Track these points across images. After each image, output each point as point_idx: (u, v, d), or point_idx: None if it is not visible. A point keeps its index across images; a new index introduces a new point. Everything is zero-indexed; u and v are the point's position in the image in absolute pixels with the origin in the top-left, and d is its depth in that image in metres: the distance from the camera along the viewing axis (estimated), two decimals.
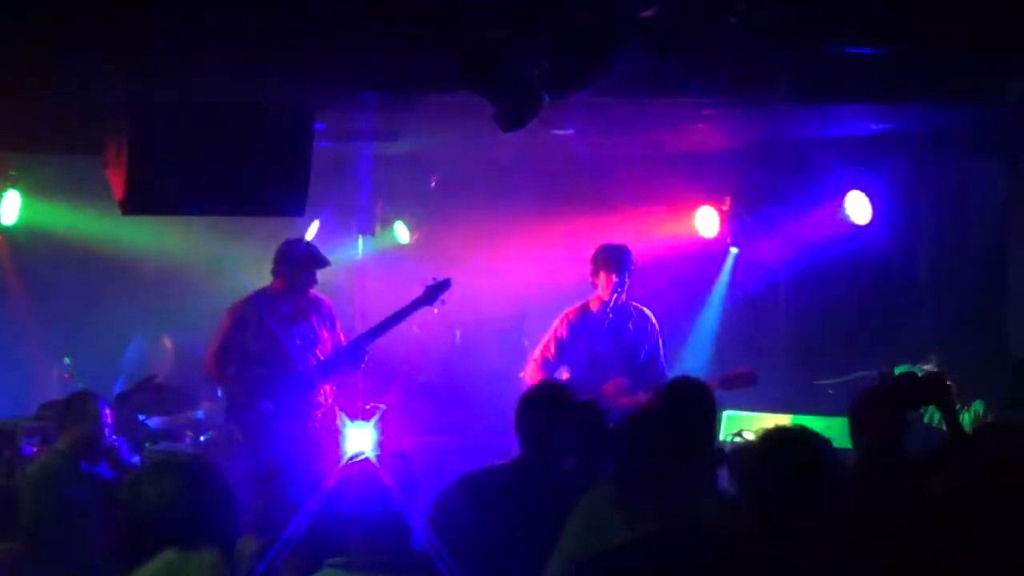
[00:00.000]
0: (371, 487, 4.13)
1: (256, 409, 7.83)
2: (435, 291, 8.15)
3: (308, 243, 8.26)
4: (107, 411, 6.74)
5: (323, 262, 8.02)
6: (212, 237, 9.85)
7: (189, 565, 2.99)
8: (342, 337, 8.12)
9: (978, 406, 8.03)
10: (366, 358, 8.04)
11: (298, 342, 7.94)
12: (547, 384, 6.54)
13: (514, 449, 5.35)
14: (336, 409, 8.09)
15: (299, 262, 7.97)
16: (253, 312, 7.95)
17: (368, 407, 9.69)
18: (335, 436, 8.02)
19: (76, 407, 6.70)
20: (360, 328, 8.63)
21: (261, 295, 8.03)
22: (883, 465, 4.35)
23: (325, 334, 8.04)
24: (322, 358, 7.97)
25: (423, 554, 3.97)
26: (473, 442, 9.40)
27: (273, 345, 7.90)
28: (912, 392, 5.22)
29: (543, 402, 5.48)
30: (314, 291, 8.09)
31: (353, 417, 8.94)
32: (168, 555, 2.95)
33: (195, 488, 2.99)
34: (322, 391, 7.99)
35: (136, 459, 7.02)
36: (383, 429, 9.65)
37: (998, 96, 6.89)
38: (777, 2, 5.49)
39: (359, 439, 9.05)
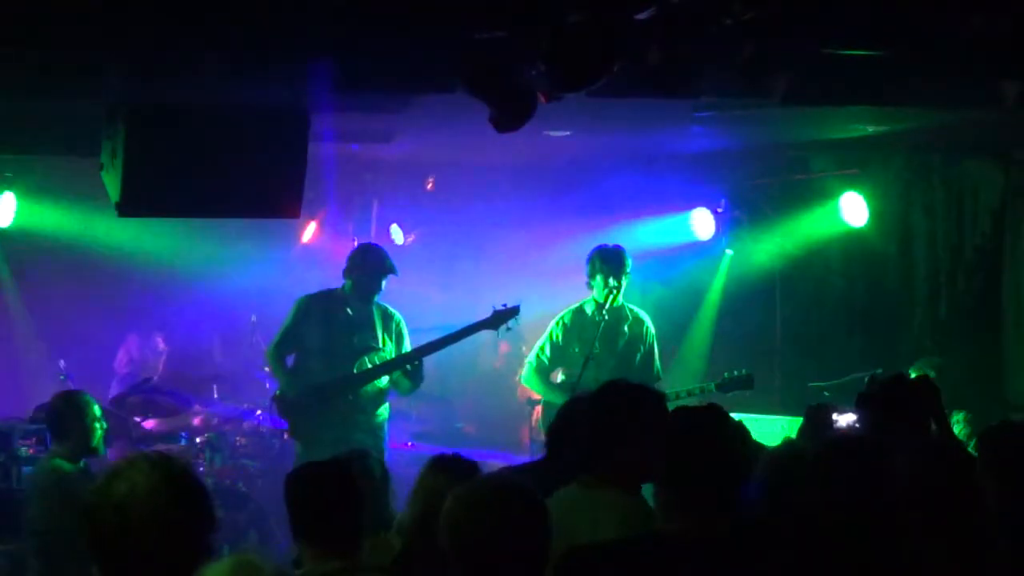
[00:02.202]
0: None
1: (303, 402, 7.82)
2: (503, 317, 8.04)
3: (381, 249, 8.22)
4: (97, 406, 6.69)
5: (392, 270, 8.02)
6: (208, 239, 9.84)
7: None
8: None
9: (958, 416, 7.96)
10: (423, 372, 7.97)
11: (356, 345, 7.93)
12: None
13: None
14: (382, 417, 8.02)
15: (369, 267, 7.97)
16: (318, 307, 7.97)
17: None
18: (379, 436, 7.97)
19: (69, 407, 6.65)
20: None
21: (330, 293, 8.06)
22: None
23: (389, 344, 8.01)
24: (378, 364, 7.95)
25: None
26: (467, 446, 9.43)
27: (330, 343, 7.90)
28: (902, 395, 5.22)
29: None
30: (385, 302, 8.07)
31: None
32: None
33: (171, 486, 2.89)
34: (371, 398, 7.94)
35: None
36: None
37: (994, 98, 6.89)
38: (773, 3, 5.50)
39: None
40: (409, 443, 9.82)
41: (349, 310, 7.98)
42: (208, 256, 10.09)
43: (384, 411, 8.05)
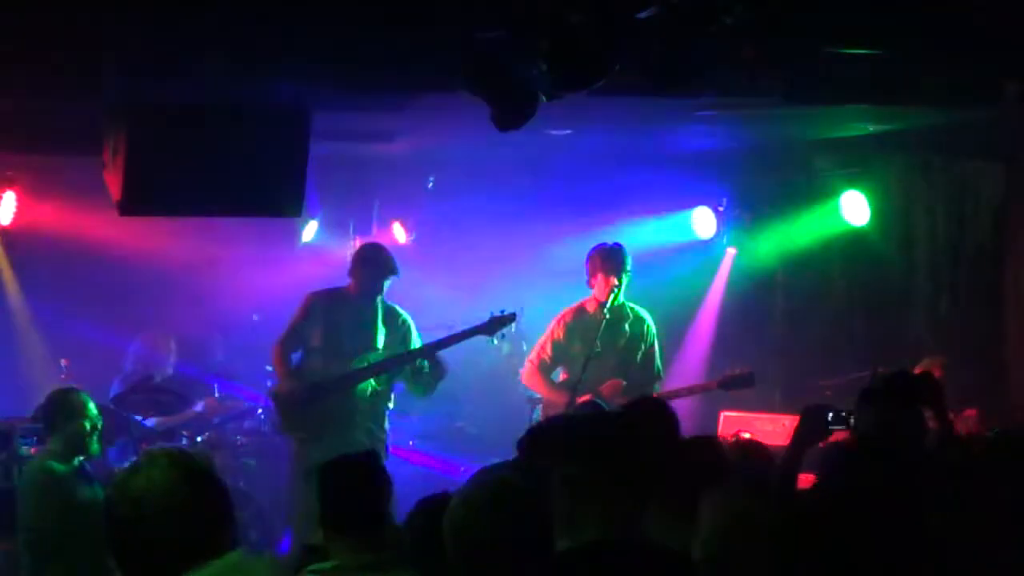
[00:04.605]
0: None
1: (299, 398, 7.83)
2: (499, 323, 8.05)
3: (383, 250, 8.21)
4: (92, 404, 6.67)
5: (393, 271, 8.01)
6: (210, 238, 9.84)
7: (252, 567, 2.93)
8: None
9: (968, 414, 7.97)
10: (438, 372, 7.97)
11: (356, 344, 7.93)
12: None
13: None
14: (382, 417, 8.03)
15: (371, 267, 7.97)
16: (323, 305, 7.98)
17: None
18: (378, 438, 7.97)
19: (62, 405, 6.63)
20: None
21: (335, 292, 8.07)
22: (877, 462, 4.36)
23: (394, 344, 8.00)
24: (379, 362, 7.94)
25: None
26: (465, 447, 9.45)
27: (332, 341, 7.90)
28: (904, 391, 5.23)
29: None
30: (391, 302, 8.07)
31: None
32: (232, 556, 2.88)
33: (191, 479, 2.92)
34: (369, 393, 7.94)
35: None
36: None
37: (995, 98, 6.90)
38: (773, 3, 5.50)
39: None
40: (411, 442, 9.82)
41: (352, 309, 7.98)
42: (209, 255, 10.08)
43: (384, 412, 8.03)
